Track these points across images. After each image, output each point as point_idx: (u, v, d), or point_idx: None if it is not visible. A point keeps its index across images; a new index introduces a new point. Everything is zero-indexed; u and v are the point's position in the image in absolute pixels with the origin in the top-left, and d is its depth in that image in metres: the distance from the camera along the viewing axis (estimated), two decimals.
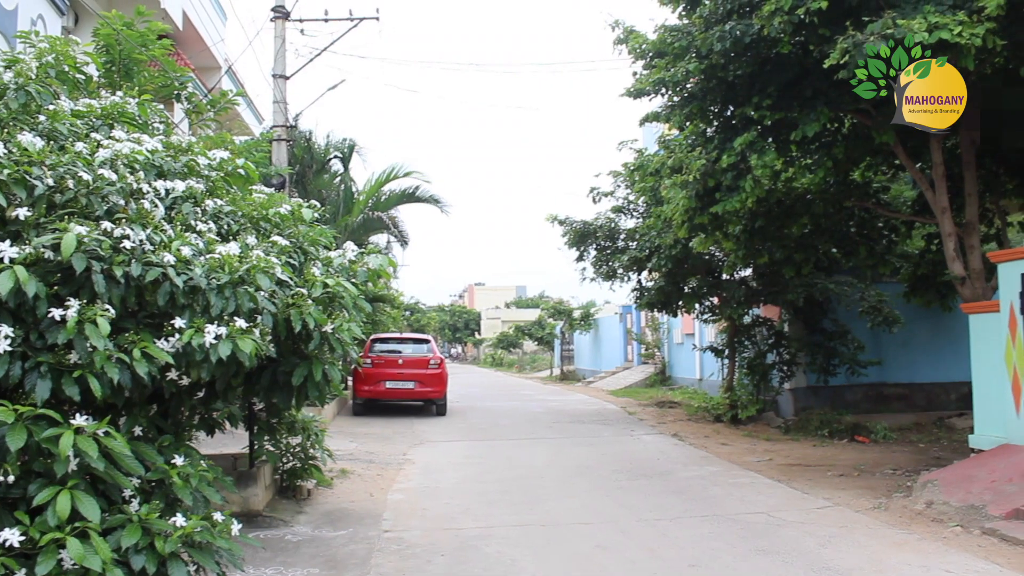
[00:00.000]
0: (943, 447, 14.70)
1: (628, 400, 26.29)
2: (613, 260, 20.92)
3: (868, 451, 14.62)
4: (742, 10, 11.54)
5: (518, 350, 65.63)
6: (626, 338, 38.70)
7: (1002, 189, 14.62)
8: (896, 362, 19.87)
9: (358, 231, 23.79)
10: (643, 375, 33.37)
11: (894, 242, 16.44)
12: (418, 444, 15.91)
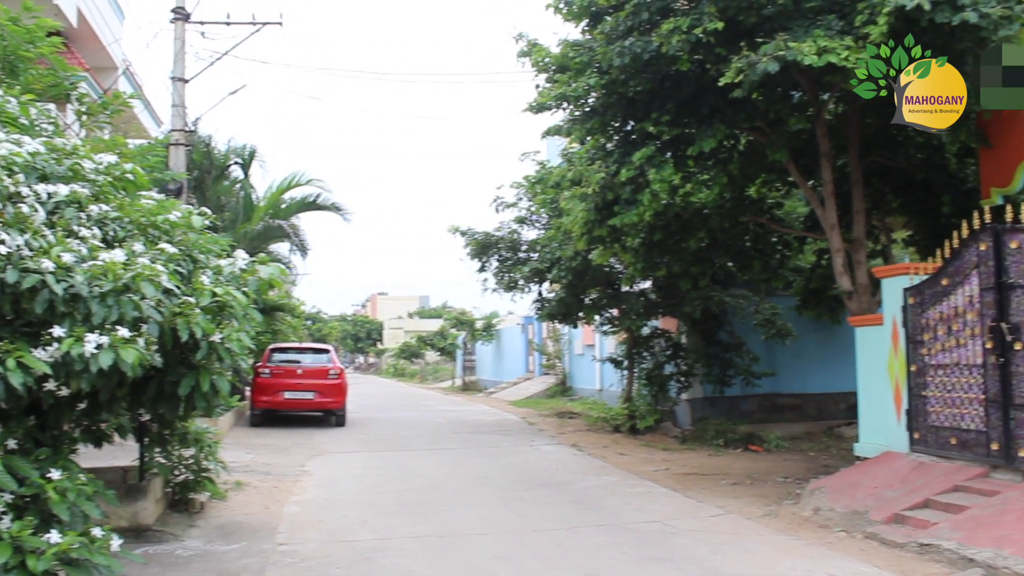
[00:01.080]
0: (832, 455, 15.13)
1: (529, 411, 26.41)
2: (515, 271, 21.00)
3: (761, 460, 14.97)
4: (643, 27, 11.73)
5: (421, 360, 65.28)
6: (528, 349, 38.89)
7: (888, 207, 15.17)
8: (789, 373, 20.42)
9: (257, 239, 23.40)
10: (544, 386, 33.56)
11: (787, 257, 16.92)
12: (317, 455, 15.69)
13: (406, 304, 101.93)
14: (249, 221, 22.90)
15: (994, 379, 9.40)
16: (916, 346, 10.76)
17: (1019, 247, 9.10)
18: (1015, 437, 9.13)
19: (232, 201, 24.03)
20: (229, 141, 23.98)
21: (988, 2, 9.50)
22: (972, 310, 9.80)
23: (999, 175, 11.72)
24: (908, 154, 14.14)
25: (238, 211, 23.30)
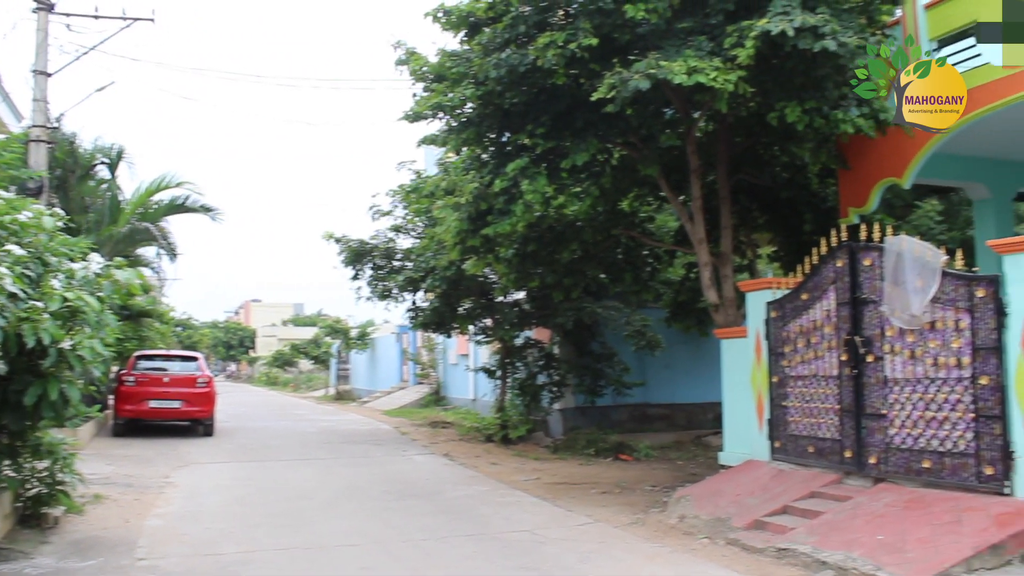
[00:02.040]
0: (699, 464, 15.52)
1: (402, 420, 26.28)
2: (389, 280, 20.84)
3: (631, 469, 15.25)
4: (520, 40, 11.83)
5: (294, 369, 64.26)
6: (402, 358, 38.69)
7: (754, 223, 15.70)
8: (659, 383, 20.87)
9: (124, 242, 22.53)
10: (418, 395, 33.45)
11: (657, 270, 17.32)
12: (182, 466, 15.22)
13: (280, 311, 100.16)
14: (115, 223, 22.01)
15: (848, 390, 9.84)
16: (777, 358, 11.17)
17: (872, 264, 9.55)
18: (866, 445, 9.57)
19: (97, 202, 23.04)
20: (96, 140, 22.89)
21: (846, 32, 9.96)
22: (829, 324, 10.24)
23: (856, 196, 12.29)
24: (774, 173, 14.68)
25: (104, 213, 22.37)
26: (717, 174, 13.24)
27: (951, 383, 8.63)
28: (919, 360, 8.99)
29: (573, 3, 11.34)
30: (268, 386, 64.07)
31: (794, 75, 10.74)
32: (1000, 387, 8.14)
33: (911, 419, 9.05)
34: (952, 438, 8.59)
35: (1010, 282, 8.07)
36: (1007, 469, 8.04)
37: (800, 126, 10.91)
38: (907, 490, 8.90)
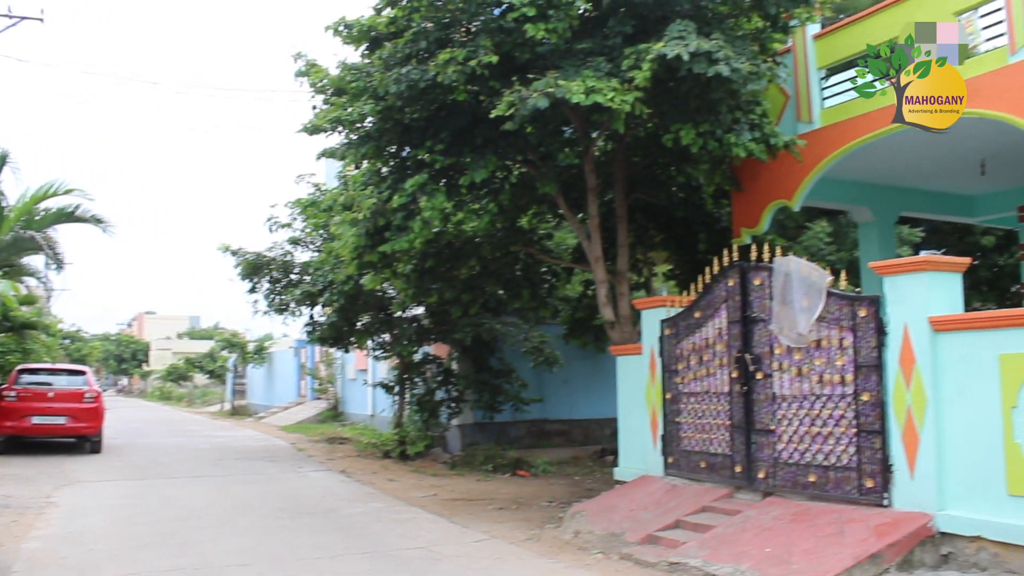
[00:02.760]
0: (596, 479, 15.66)
1: (299, 436, 25.87)
2: (286, 293, 20.54)
3: (528, 485, 15.30)
4: (421, 56, 11.83)
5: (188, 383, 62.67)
6: (300, 373, 38.15)
7: (651, 242, 15.99)
8: (557, 399, 21.03)
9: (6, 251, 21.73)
10: (316, 410, 33.01)
11: (555, 287, 17.48)
12: (66, 485, 14.68)
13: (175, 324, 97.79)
14: None
15: (739, 406, 10.08)
16: (671, 375, 11.38)
17: (761, 284, 9.83)
18: (756, 460, 9.81)
19: None
20: None
21: (739, 58, 10.26)
22: (721, 341, 10.48)
23: (749, 217, 12.64)
24: (670, 193, 15.00)
25: None
26: (615, 193, 13.44)
27: (835, 399, 8.93)
28: (805, 377, 9.27)
29: (475, 20, 11.41)
30: (161, 401, 62.37)
31: (689, 98, 11.00)
32: (880, 403, 8.45)
33: (798, 434, 9.32)
34: (836, 452, 8.87)
35: (890, 302, 8.40)
36: (886, 482, 8.34)
37: (694, 148, 11.18)
38: (794, 503, 9.14)
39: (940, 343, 8.06)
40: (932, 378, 8.04)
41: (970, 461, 7.75)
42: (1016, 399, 7.41)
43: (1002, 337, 7.58)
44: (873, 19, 11.73)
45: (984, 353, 7.69)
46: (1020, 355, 7.40)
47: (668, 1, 11.33)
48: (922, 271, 8.13)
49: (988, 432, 7.61)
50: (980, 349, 7.74)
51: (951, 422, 7.95)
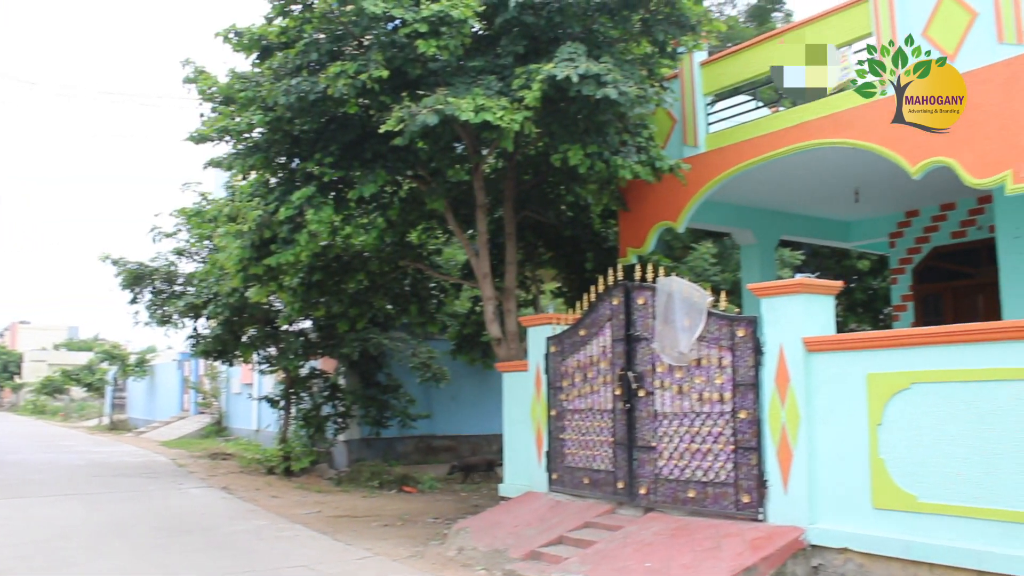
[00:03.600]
0: (483, 495, 15.68)
1: (180, 452, 25.19)
2: (169, 305, 20.02)
3: (414, 501, 15.23)
4: (312, 67, 11.72)
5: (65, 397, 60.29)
6: (184, 386, 37.16)
7: (539, 260, 16.14)
8: (445, 415, 21.00)
9: None
10: (199, 425, 32.22)
11: (443, 302, 17.47)
12: None
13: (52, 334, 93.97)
14: None
15: (621, 423, 10.23)
16: (556, 392, 11.48)
17: (645, 303, 10.02)
18: (637, 476, 9.97)
19: None
20: None
21: (627, 82, 10.48)
22: (605, 359, 10.63)
23: (635, 237, 12.90)
24: (559, 211, 15.17)
25: None
26: (504, 210, 13.53)
27: (714, 417, 9.14)
28: (686, 395, 9.48)
29: (367, 34, 11.35)
30: (35, 415, 59.83)
31: (578, 119, 11.18)
32: (757, 420, 8.69)
33: (678, 451, 9.51)
34: (715, 469, 9.08)
35: (767, 323, 8.66)
36: (761, 497, 8.57)
37: (582, 169, 11.35)
38: (674, 519, 9.32)
39: (813, 363, 8.34)
40: (805, 396, 8.31)
41: (839, 476, 8.04)
42: (882, 416, 7.71)
43: (870, 357, 7.90)
44: (757, 49, 12.16)
45: (853, 372, 7.99)
46: (886, 375, 7.71)
47: (560, 23, 11.51)
48: (797, 293, 8.41)
49: (856, 448, 7.90)
50: (850, 369, 8.03)
51: (823, 439, 8.23)
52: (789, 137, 11.18)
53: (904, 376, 7.59)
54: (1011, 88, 8.96)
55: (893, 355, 7.73)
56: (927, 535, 7.24)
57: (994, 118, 9.12)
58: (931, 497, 7.29)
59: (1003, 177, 9.02)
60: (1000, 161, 9.02)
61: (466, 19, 10.83)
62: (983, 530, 6.89)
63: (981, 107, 9.26)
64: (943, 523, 7.17)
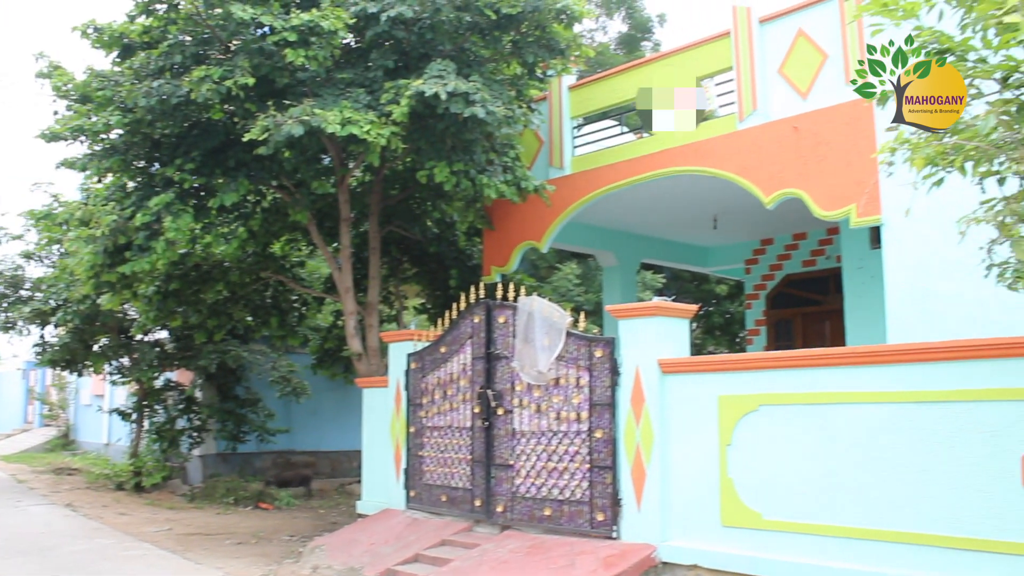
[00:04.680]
0: (341, 512, 15.45)
1: (21, 466, 23.90)
2: (13, 310, 19.04)
3: (271, 518, 14.89)
4: (175, 69, 11.42)
5: None
6: (28, 397, 35.41)
7: (404, 275, 16.08)
8: (305, 430, 20.61)
9: None
10: (44, 438, 30.70)
11: (305, 315, 17.21)
12: None
13: None
14: None
15: (480, 441, 10.25)
16: (416, 408, 11.43)
17: (505, 322, 10.08)
18: (495, 494, 10.00)
19: None
20: None
21: (495, 102, 10.58)
22: (465, 377, 10.64)
23: (499, 255, 12.99)
24: (425, 227, 15.16)
25: None
26: (369, 224, 13.44)
27: (571, 436, 9.24)
28: (544, 414, 9.56)
29: (235, 39, 11.12)
30: None
31: (446, 137, 11.21)
32: (612, 440, 8.83)
33: (535, 469, 9.58)
34: (571, 487, 9.18)
35: (624, 344, 8.83)
36: (615, 515, 8.71)
37: (448, 186, 11.39)
38: (530, 536, 9.37)
39: (668, 384, 8.54)
40: (660, 417, 8.49)
41: (691, 495, 8.23)
42: (731, 437, 7.95)
43: (721, 380, 8.14)
44: (624, 76, 12.47)
45: (706, 394, 8.21)
46: (736, 396, 7.96)
47: (431, 40, 11.54)
48: (653, 316, 8.61)
49: (707, 467, 8.11)
50: (702, 390, 8.25)
51: (676, 458, 8.42)
52: (651, 163, 11.49)
53: (753, 398, 7.84)
54: (856, 127, 9.45)
55: (743, 378, 7.99)
56: (771, 551, 7.48)
57: (841, 155, 9.61)
58: (775, 515, 7.53)
59: (848, 211, 9.50)
60: (846, 195, 9.50)
61: (336, 31, 10.75)
62: (823, 545, 7.15)
63: (830, 143, 9.75)
64: (786, 539, 7.42)
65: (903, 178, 5.37)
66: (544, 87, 13.09)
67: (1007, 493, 6.11)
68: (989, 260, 4.83)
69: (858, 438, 7.06)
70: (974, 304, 7.86)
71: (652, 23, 27.03)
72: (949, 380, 6.54)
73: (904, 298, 9.16)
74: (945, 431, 6.50)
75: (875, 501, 6.86)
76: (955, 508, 6.38)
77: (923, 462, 6.61)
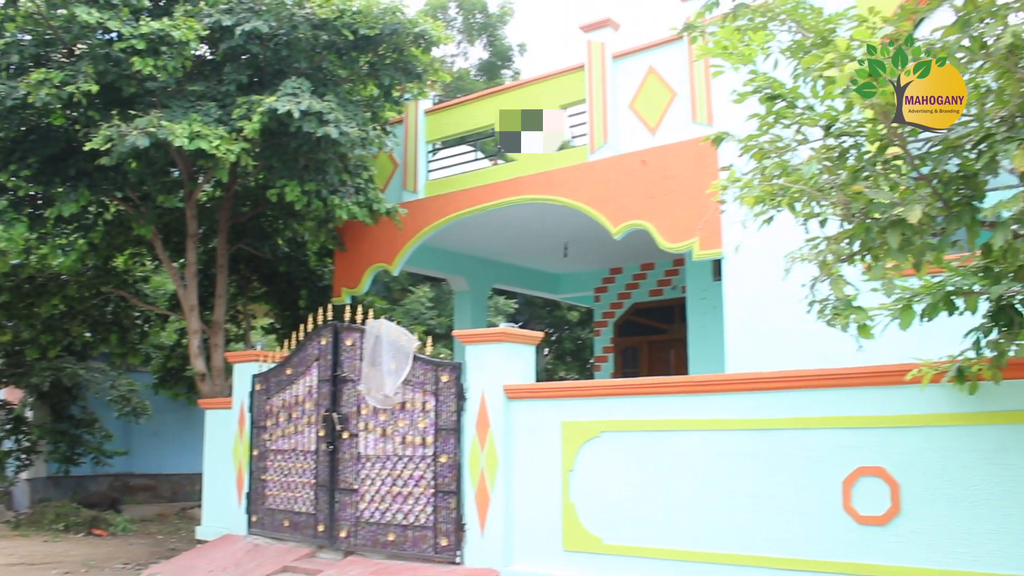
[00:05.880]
0: (181, 538, 14.92)
1: None
2: None
3: (104, 545, 14.24)
4: (11, 70, 10.89)
5: None
6: None
7: (253, 294, 15.73)
8: (145, 452, 19.85)
9: None
10: None
11: (147, 333, 16.61)
12: None
13: None
14: None
15: (324, 465, 10.09)
16: (260, 431, 11.17)
17: (353, 344, 9.99)
18: (338, 519, 9.85)
19: None
20: None
21: (350, 123, 10.52)
22: (311, 399, 10.47)
23: (350, 277, 12.89)
24: (276, 246, 14.89)
25: None
26: (218, 241, 13.11)
27: (416, 460, 9.21)
28: (389, 438, 9.49)
29: (79, 43, 10.70)
30: None
31: (298, 156, 11.08)
32: (457, 465, 8.84)
33: (380, 494, 9.49)
34: (415, 512, 9.13)
35: (470, 369, 8.87)
36: (459, 540, 8.70)
37: (299, 205, 11.24)
38: (373, 562, 9.26)
39: (513, 410, 8.61)
40: (504, 442, 8.55)
41: (534, 519, 8.30)
42: (574, 463, 8.07)
43: (565, 406, 8.26)
44: (482, 103, 12.63)
45: (549, 420, 8.32)
46: (579, 423, 8.10)
47: (287, 57, 11.40)
48: (499, 342, 8.68)
49: (550, 493, 8.20)
50: (546, 416, 8.36)
51: (520, 483, 8.48)
52: (504, 190, 11.64)
53: (595, 425, 7.99)
54: (700, 163, 9.82)
55: (585, 404, 8.13)
56: (611, 575, 7.62)
57: (686, 189, 9.96)
58: (615, 539, 7.68)
59: (691, 243, 9.84)
60: (690, 229, 9.85)
61: (188, 42, 10.50)
62: (660, 569, 7.32)
63: (676, 178, 10.09)
64: (625, 563, 7.56)
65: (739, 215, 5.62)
66: (400, 110, 13.10)
67: (831, 516, 6.42)
68: (812, 296, 5.07)
69: (694, 464, 7.29)
70: (806, 337, 8.23)
71: (513, 52, 27.42)
72: (779, 409, 6.84)
73: (741, 329, 9.53)
74: (775, 457, 6.79)
75: (710, 525, 7.09)
76: (783, 531, 6.66)
77: (754, 487, 6.87)
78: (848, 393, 6.51)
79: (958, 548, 5.86)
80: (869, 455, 6.32)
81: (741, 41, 5.10)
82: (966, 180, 4.63)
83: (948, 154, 4.69)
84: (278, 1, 10.98)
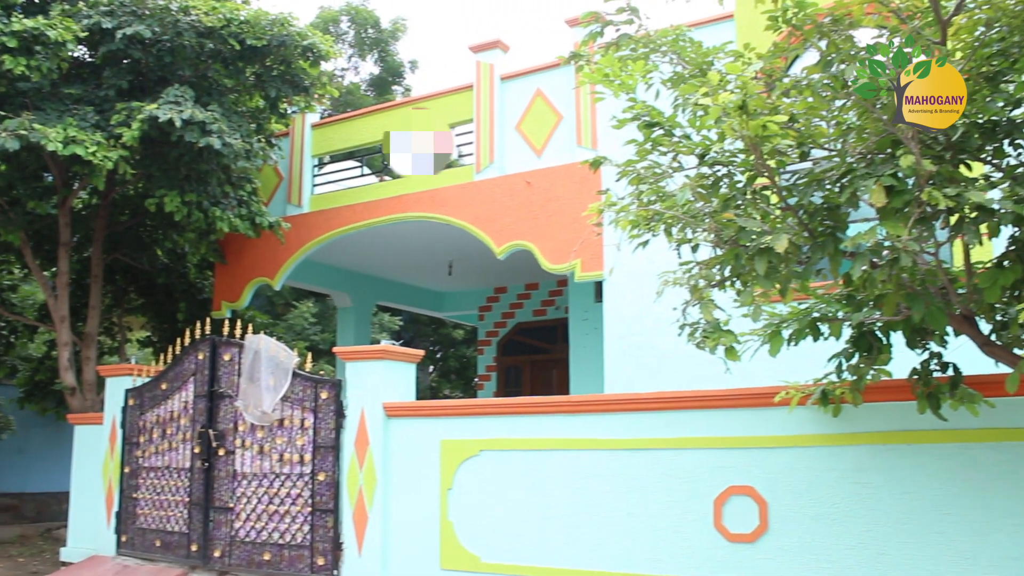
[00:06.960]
0: (44, 560, 14.29)
1: None
2: None
3: None
4: None
5: None
6: None
7: (130, 305, 15.26)
8: (9, 470, 18.97)
9: None
10: None
11: (14, 344, 15.95)
12: None
13: None
14: None
15: (199, 483, 9.85)
16: (132, 448, 10.83)
17: (231, 359, 9.80)
18: (212, 538, 9.62)
19: None
20: None
21: (234, 134, 10.36)
22: (186, 415, 10.21)
23: (231, 291, 12.64)
24: (154, 257, 14.48)
25: None
26: (92, 251, 12.70)
27: (294, 478, 9.07)
28: (267, 455, 9.33)
29: None
30: None
31: (180, 165, 10.84)
32: (335, 483, 8.75)
33: (256, 512, 9.31)
34: (292, 531, 8.99)
35: (350, 386, 8.81)
36: (336, 559, 8.61)
37: (178, 216, 11.00)
38: None
39: (392, 428, 8.58)
40: (384, 460, 8.52)
41: (413, 538, 8.28)
42: (452, 481, 8.09)
43: (444, 425, 8.28)
44: (370, 118, 12.60)
45: (429, 439, 8.32)
46: (458, 441, 8.12)
47: (170, 64, 11.17)
48: (379, 359, 8.64)
49: (429, 511, 8.20)
50: (426, 435, 8.36)
51: (398, 502, 8.45)
52: (389, 207, 11.63)
53: (474, 443, 8.02)
54: (584, 186, 10.01)
55: (465, 423, 8.17)
56: None
57: (570, 211, 10.13)
58: (493, 557, 7.72)
59: (573, 265, 10.00)
60: (572, 250, 10.00)
61: (65, 42, 10.17)
62: None
63: (560, 200, 10.25)
64: None
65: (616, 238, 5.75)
66: (287, 123, 12.95)
67: (703, 534, 6.60)
68: (683, 319, 5.21)
69: (571, 483, 7.39)
70: (683, 358, 8.41)
71: (404, 68, 27.40)
72: (653, 429, 7.00)
73: (621, 350, 9.72)
74: (649, 476, 6.94)
75: (585, 543, 7.20)
76: (656, 548, 6.81)
77: (629, 505, 7.01)
78: (720, 414, 6.71)
79: (821, 564, 6.10)
80: (740, 475, 6.53)
81: (623, 70, 5.22)
82: (830, 212, 4.84)
83: (813, 187, 4.90)
84: (162, 6, 10.77)
